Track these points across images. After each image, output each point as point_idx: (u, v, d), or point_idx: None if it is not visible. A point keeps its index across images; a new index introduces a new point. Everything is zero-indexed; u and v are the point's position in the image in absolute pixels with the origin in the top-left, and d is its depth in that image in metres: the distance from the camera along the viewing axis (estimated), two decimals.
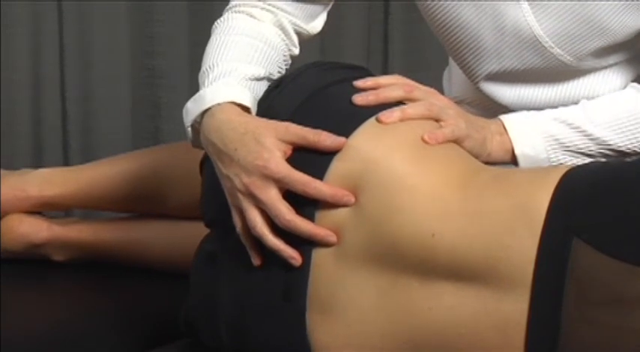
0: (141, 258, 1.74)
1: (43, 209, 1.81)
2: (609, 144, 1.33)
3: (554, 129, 1.33)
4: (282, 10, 1.42)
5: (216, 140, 1.22)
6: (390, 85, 1.26)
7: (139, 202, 1.77)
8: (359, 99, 1.23)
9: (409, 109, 1.23)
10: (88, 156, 2.31)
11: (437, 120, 1.24)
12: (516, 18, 1.36)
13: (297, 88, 1.29)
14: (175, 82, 2.40)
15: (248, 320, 1.22)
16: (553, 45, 1.37)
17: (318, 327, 1.17)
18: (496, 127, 1.33)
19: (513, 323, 1.07)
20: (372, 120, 1.21)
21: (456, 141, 1.25)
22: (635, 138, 1.34)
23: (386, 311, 1.14)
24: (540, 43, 1.37)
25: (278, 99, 1.28)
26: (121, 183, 1.76)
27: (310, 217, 1.17)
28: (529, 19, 1.36)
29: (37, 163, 2.32)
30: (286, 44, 1.43)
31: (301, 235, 1.16)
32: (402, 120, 1.21)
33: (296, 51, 1.46)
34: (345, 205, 1.16)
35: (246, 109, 1.27)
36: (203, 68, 1.33)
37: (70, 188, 1.79)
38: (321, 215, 1.17)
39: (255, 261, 1.21)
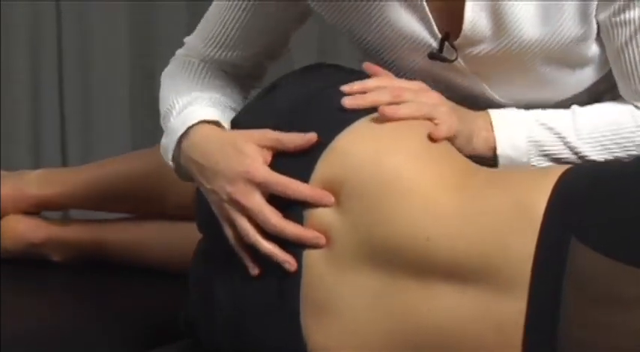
0: (140, 259, 1.74)
1: (42, 209, 1.81)
2: (589, 159, 1.31)
3: (540, 135, 1.30)
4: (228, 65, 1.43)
5: (197, 157, 1.24)
6: (378, 89, 1.25)
7: (138, 202, 1.77)
8: (347, 101, 1.23)
9: (400, 109, 1.22)
10: (87, 156, 2.32)
11: (429, 120, 1.24)
12: (472, 87, 1.35)
13: (290, 91, 1.29)
14: None
15: (245, 321, 1.22)
16: (509, 103, 1.35)
17: (314, 328, 1.18)
18: (483, 123, 1.30)
19: (511, 323, 1.07)
20: (358, 123, 1.21)
21: (450, 139, 1.24)
22: (614, 156, 1.31)
23: (383, 313, 1.14)
24: (496, 101, 1.36)
25: (271, 102, 1.29)
26: (120, 183, 1.76)
27: (299, 220, 1.18)
28: (487, 92, 1.35)
29: (37, 163, 2.33)
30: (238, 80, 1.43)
31: (290, 238, 1.17)
32: (394, 119, 1.21)
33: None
34: (325, 205, 1.17)
35: (217, 125, 1.28)
36: (163, 110, 1.34)
37: (69, 188, 1.79)
38: (309, 218, 1.18)
39: (253, 271, 1.21)
